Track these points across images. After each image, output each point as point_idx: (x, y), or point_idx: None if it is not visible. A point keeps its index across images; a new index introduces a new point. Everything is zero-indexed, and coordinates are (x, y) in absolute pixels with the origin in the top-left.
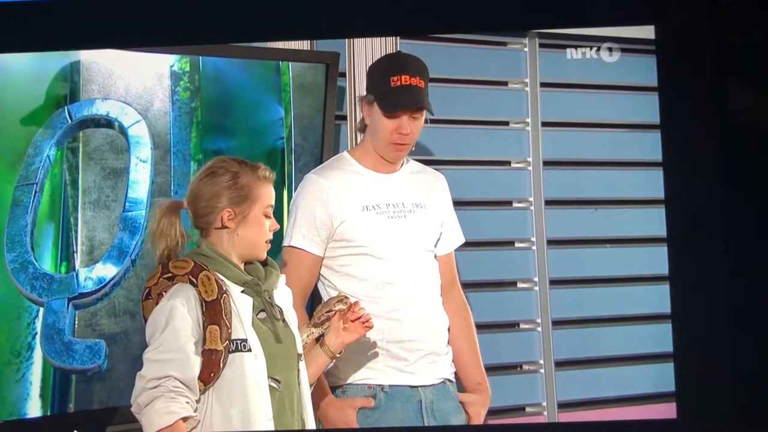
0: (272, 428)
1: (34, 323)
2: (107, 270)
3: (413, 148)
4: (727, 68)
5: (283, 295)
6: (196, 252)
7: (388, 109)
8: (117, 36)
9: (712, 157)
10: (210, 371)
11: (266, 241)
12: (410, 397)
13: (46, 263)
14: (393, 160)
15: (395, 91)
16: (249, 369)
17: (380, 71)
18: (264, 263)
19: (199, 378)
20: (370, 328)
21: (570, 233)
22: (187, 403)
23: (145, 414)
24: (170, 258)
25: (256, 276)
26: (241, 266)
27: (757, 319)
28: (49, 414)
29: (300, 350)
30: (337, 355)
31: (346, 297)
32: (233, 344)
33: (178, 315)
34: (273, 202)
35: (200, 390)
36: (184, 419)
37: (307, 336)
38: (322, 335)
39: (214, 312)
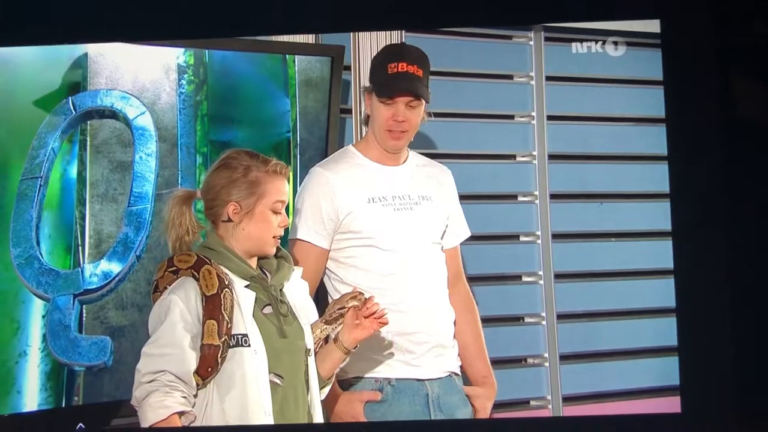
0: (271, 423)
1: None
2: (112, 266)
3: (412, 140)
4: (732, 62)
5: (299, 289)
6: (203, 245)
7: (383, 95)
8: (124, 29)
9: (717, 150)
10: (207, 366)
11: (274, 237)
12: (417, 391)
13: (52, 258)
14: (391, 149)
15: (391, 77)
16: (248, 364)
17: (379, 59)
18: (277, 255)
19: (197, 372)
20: (385, 324)
21: (575, 227)
22: (184, 397)
23: (141, 408)
24: (183, 248)
25: (268, 269)
26: (249, 260)
27: (761, 312)
28: (63, 406)
29: (310, 345)
30: (352, 350)
31: (360, 293)
32: (233, 339)
33: (175, 309)
34: (284, 198)
35: (199, 385)
36: (180, 414)
37: (321, 332)
38: (334, 331)
39: (212, 307)
